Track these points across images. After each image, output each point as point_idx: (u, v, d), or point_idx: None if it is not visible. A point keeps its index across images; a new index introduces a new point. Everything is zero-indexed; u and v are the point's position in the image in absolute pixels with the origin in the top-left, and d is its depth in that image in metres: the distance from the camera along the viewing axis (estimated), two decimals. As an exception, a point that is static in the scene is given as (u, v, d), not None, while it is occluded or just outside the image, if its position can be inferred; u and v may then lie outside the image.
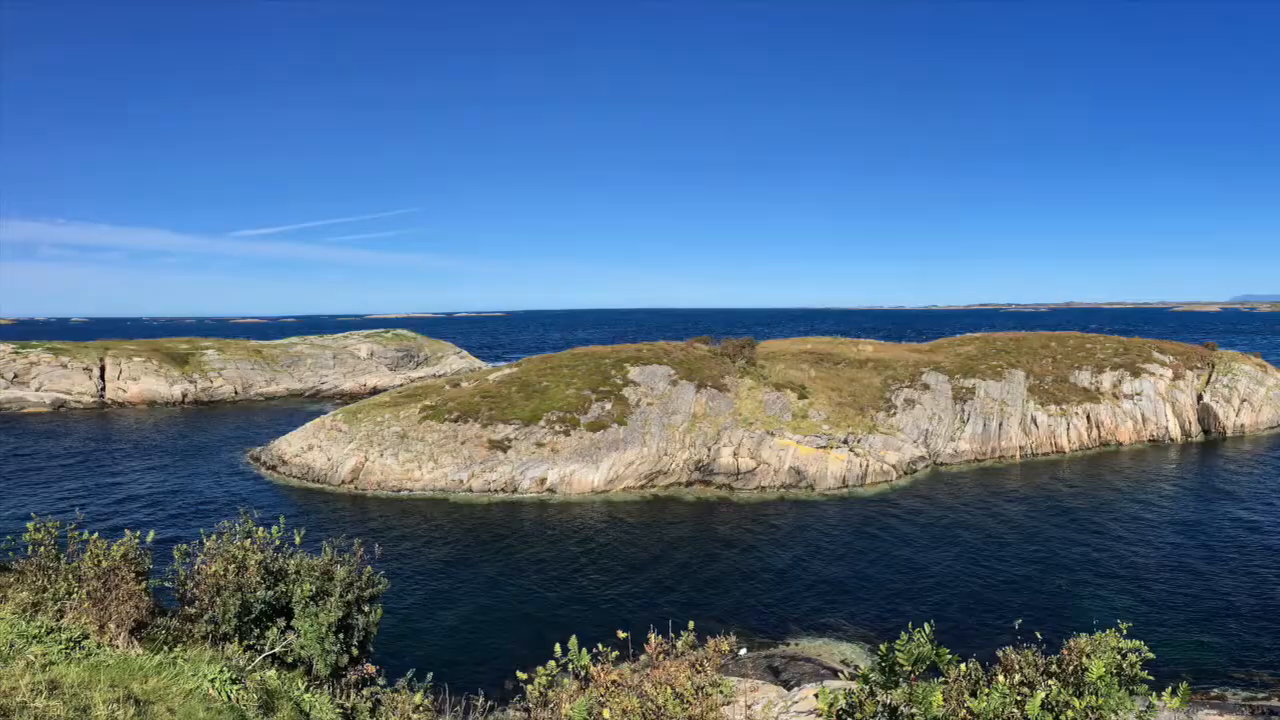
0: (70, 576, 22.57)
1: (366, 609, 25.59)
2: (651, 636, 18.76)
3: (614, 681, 17.53)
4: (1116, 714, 14.44)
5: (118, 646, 20.53)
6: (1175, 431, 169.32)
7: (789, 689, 59.59)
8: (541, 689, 18.72)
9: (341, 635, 24.36)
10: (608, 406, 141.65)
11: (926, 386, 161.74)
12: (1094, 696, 14.42)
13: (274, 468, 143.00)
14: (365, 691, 23.12)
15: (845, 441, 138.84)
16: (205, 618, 23.60)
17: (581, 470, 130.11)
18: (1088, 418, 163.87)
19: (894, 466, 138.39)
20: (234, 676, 19.00)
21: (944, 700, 14.47)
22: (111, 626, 21.07)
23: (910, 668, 15.50)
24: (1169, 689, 15.27)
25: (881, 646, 16.31)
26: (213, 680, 18.44)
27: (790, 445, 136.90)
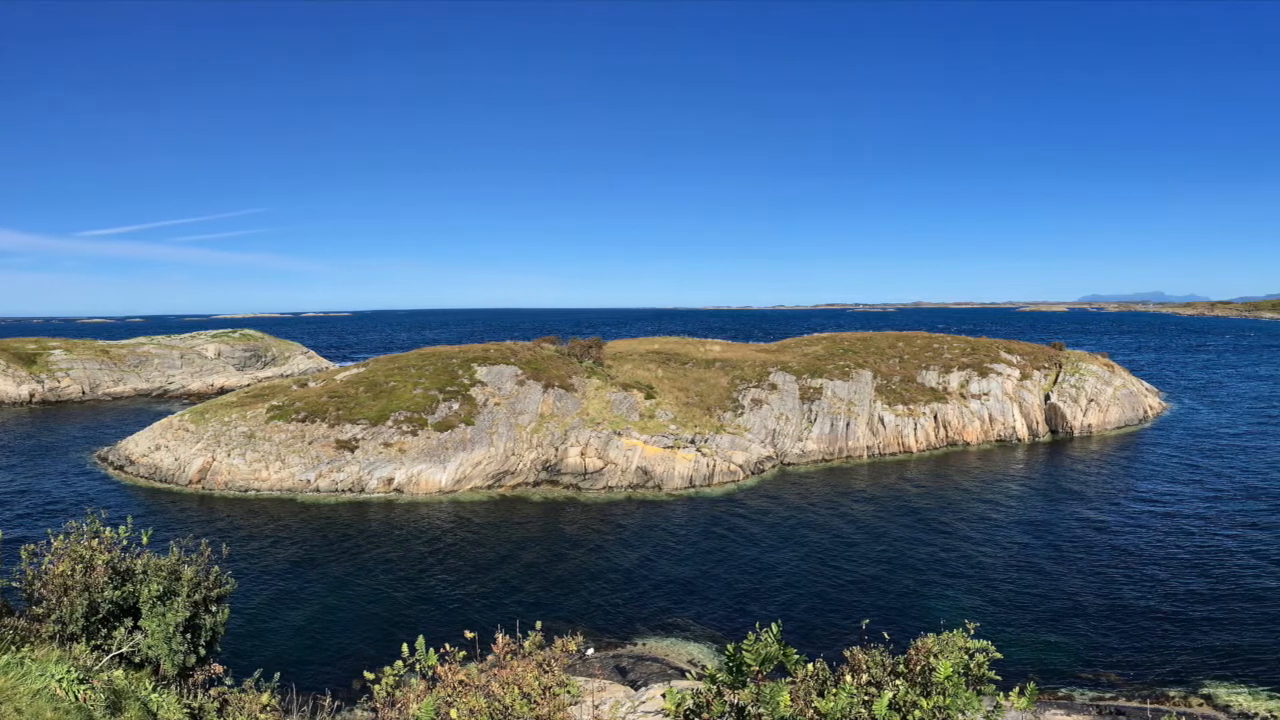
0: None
1: (214, 609, 25.84)
2: (499, 636, 19.10)
3: (461, 682, 17.89)
4: (964, 714, 14.98)
5: (-39, 648, 20.52)
6: (1023, 431, 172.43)
7: (636, 689, 60.27)
8: (388, 689, 18.98)
9: (189, 635, 24.63)
10: (455, 406, 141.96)
11: (774, 386, 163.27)
12: (941, 696, 14.94)
13: (121, 468, 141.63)
14: (212, 691, 23.36)
15: (692, 441, 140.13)
16: (53, 618, 23.83)
17: (429, 470, 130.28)
18: (935, 418, 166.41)
19: (741, 466, 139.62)
20: (81, 676, 19.14)
21: (791, 700, 14.83)
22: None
23: (757, 668, 15.89)
24: (1016, 689, 15.95)
25: (729, 646, 16.46)
26: (60, 680, 18.56)
27: (637, 445, 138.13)
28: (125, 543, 26.14)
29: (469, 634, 20.62)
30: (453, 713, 16.66)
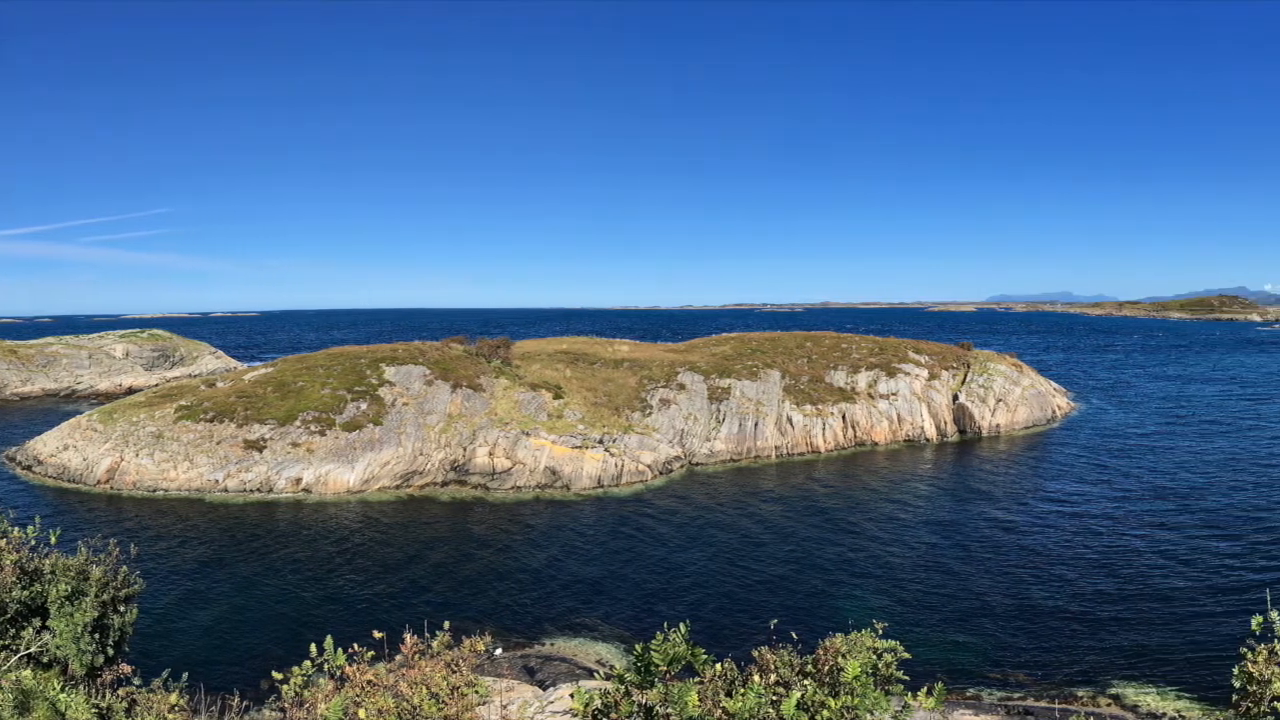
0: None
1: (122, 609, 25.46)
2: (407, 636, 18.94)
3: (370, 681, 17.72)
4: (872, 714, 14.98)
5: None
6: (931, 431, 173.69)
7: (544, 689, 60.25)
8: (297, 689, 18.74)
9: (97, 635, 24.26)
10: (363, 406, 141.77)
11: (682, 386, 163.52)
12: (849, 696, 14.95)
13: (29, 468, 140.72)
14: (121, 691, 22.97)
15: (601, 441, 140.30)
16: (-40, 618, 23.31)
17: (337, 470, 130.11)
18: (843, 418, 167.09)
19: (649, 466, 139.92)
20: (-12, 676, 18.77)
21: (699, 700, 14.76)
22: None
23: (666, 668, 15.82)
24: (925, 689, 15.93)
25: (637, 646, 16.49)
26: (-33, 680, 18.20)
27: (546, 445, 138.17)
28: (33, 543, 25.77)
29: (377, 634, 20.44)
30: (361, 713, 16.50)
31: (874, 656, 16.10)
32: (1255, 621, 14.31)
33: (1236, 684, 13.76)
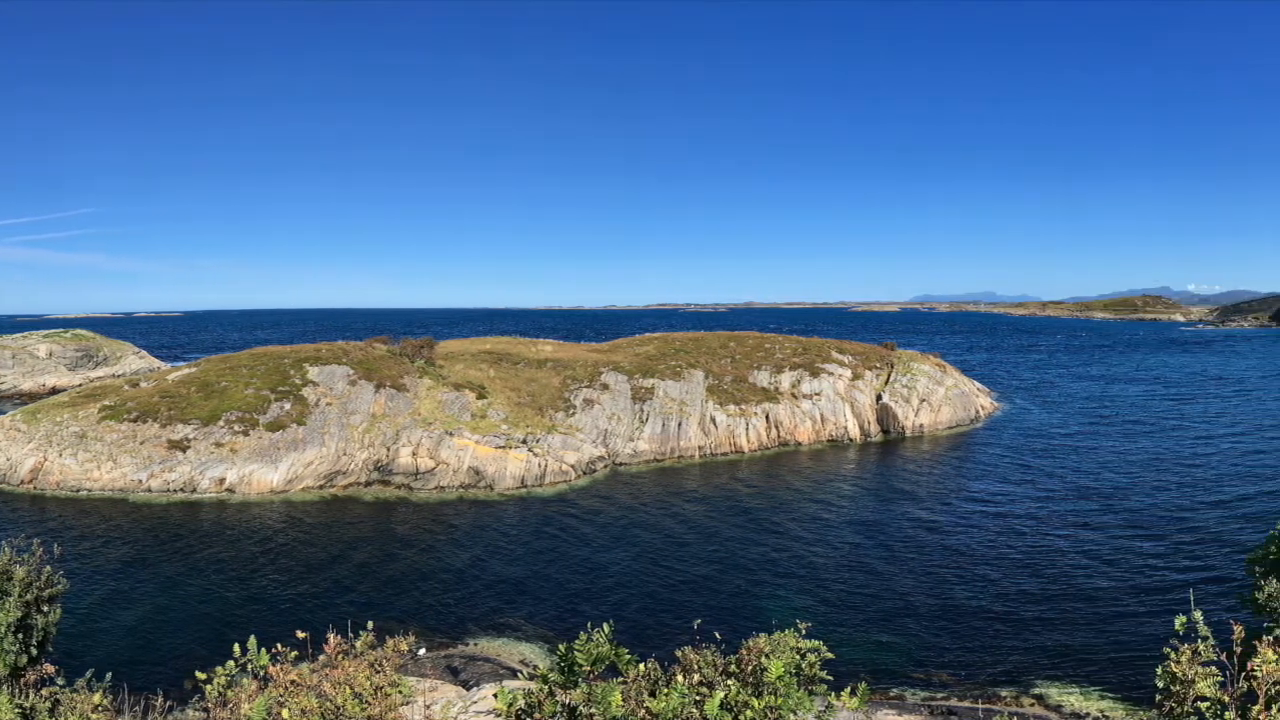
0: None
1: (46, 609, 25.29)
2: (331, 636, 18.81)
3: (293, 681, 17.58)
4: (795, 714, 14.91)
5: None
6: (855, 431, 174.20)
7: (468, 689, 60.27)
8: (220, 689, 18.60)
9: (20, 635, 24.10)
10: (287, 406, 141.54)
11: (606, 386, 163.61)
12: (773, 696, 14.89)
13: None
14: (44, 691, 22.80)
15: (524, 441, 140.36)
16: (-117, 618, 23.09)
17: (261, 470, 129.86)
18: (767, 418, 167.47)
19: (573, 466, 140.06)
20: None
21: (623, 700, 14.72)
22: None
23: (589, 668, 15.80)
24: (848, 689, 15.91)
25: (560, 646, 16.39)
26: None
27: (469, 445, 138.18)
28: (-45, 543, 25.55)
29: (301, 634, 20.29)
30: (285, 713, 16.37)
31: (797, 656, 15.92)
32: (1179, 621, 14.37)
33: (1160, 684, 13.81)
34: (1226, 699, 13.00)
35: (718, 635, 17.72)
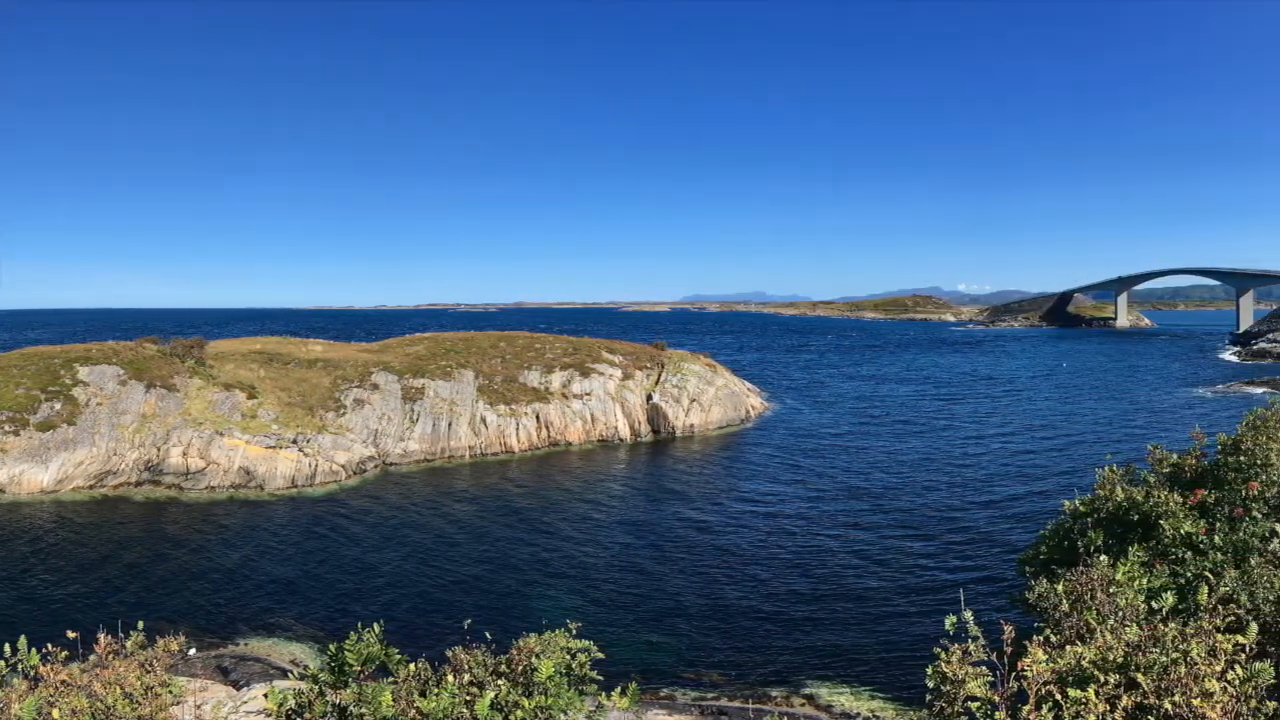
0: None
1: None
2: (101, 636, 18.56)
3: (64, 681, 17.33)
4: (566, 714, 15.13)
5: None
6: (625, 431, 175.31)
7: (239, 689, 60.17)
8: (-10, 689, 18.24)
9: None
10: (57, 407, 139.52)
11: (376, 386, 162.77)
12: (544, 696, 15.09)
13: None
14: None
15: (295, 441, 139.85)
16: None
17: (31, 470, 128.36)
18: (537, 418, 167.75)
19: (344, 466, 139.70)
20: None
21: (394, 700, 14.80)
22: None
23: (360, 667, 15.89)
24: (619, 689, 16.10)
25: (331, 646, 16.65)
26: None
27: (240, 445, 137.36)
28: None
29: (71, 634, 19.94)
30: (55, 713, 16.08)
31: (568, 656, 16.28)
32: (949, 621, 14.60)
33: (930, 684, 14.00)
34: (997, 699, 13.24)
35: (488, 635, 17.77)
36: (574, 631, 16.93)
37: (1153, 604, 15.18)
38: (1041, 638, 14.32)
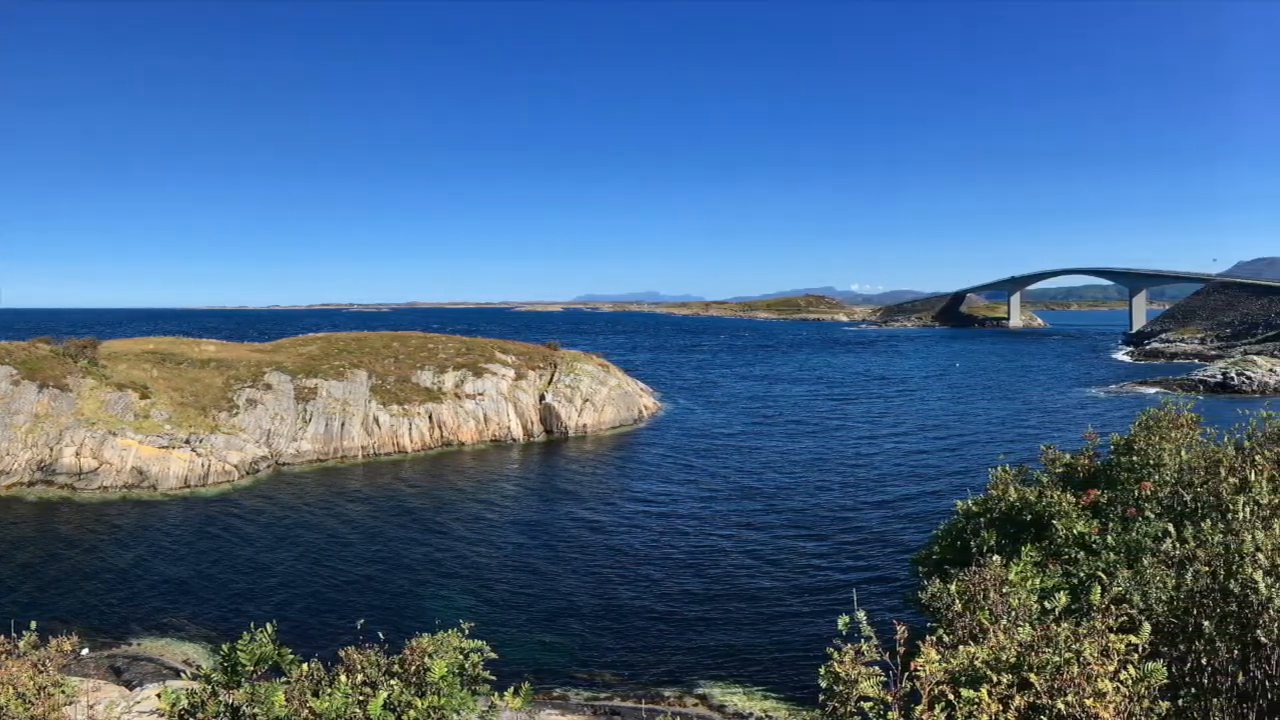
0: None
1: None
2: (-8, 637, 18.36)
3: (-45, 682, 17.11)
4: (459, 714, 15.15)
5: None
6: (518, 431, 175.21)
7: (132, 689, 60.21)
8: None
9: None
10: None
11: (269, 386, 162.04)
12: (436, 696, 15.05)
13: None
14: None
15: (188, 441, 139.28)
16: None
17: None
18: (430, 418, 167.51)
19: (237, 466, 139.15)
20: None
21: (286, 700, 14.70)
22: None
23: (253, 667, 15.75)
24: (512, 689, 16.14)
25: (224, 646, 16.45)
26: None
27: (133, 445, 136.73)
28: None
29: (-37, 635, 19.71)
30: (-53, 713, 15.89)
31: (461, 656, 16.19)
32: (842, 621, 14.59)
33: (824, 684, 13.98)
34: (890, 699, 13.25)
35: (381, 635, 17.62)
36: (467, 631, 16.85)
37: (1046, 604, 15.25)
38: (934, 638, 14.33)
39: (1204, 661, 14.57)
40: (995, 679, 12.72)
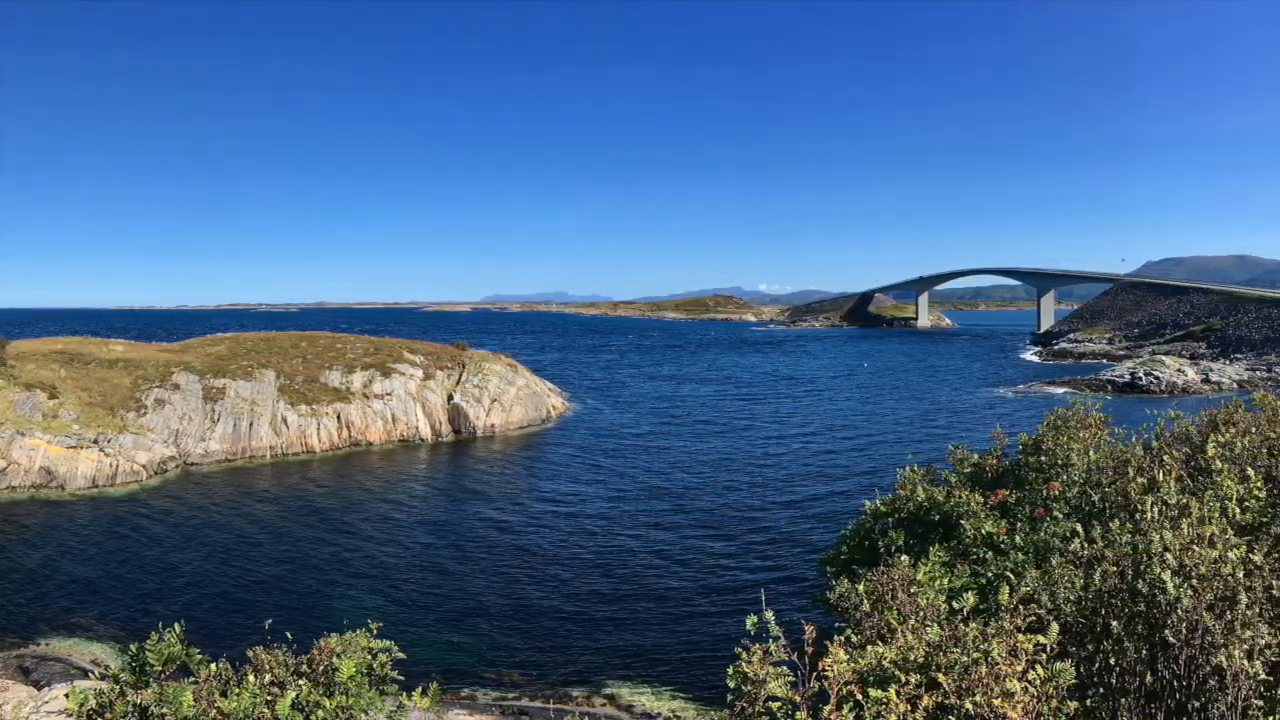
0: None
1: None
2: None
3: None
4: (367, 714, 15.17)
5: None
6: (426, 432, 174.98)
7: (40, 689, 60.08)
8: None
9: None
10: None
11: (177, 386, 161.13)
12: (345, 696, 15.10)
13: None
14: None
15: (96, 441, 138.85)
16: None
17: None
18: (339, 418, 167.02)
19: (145, 466, 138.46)
20: None
21: (195, 700, 14.69)
22: None
23: (161, 667, 15.73)
24: (420, 689, 16.18)
25: (132, 646, 16.45)
26: None
27: (41, 445, 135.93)
28: None
29: None
30: None
31: (369, 656, 16.33)
32: (750, 621, 14.65)
33: (732, 684, 14.02)
34: (798, 699, 13.28)
35: (289, 635, 17.64)
36: (375, 631, 16.96)
37: (954, 604, 15.36)
38: (843, 638, 14.40)
39: (1112, 661, 14.69)
40: (903, 679, 12.78)
